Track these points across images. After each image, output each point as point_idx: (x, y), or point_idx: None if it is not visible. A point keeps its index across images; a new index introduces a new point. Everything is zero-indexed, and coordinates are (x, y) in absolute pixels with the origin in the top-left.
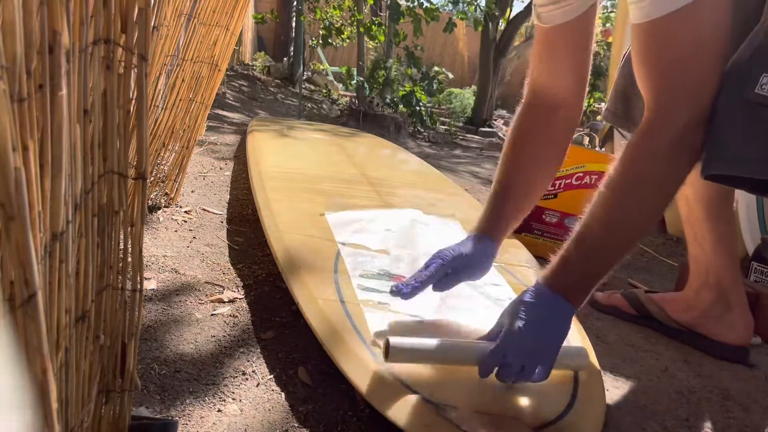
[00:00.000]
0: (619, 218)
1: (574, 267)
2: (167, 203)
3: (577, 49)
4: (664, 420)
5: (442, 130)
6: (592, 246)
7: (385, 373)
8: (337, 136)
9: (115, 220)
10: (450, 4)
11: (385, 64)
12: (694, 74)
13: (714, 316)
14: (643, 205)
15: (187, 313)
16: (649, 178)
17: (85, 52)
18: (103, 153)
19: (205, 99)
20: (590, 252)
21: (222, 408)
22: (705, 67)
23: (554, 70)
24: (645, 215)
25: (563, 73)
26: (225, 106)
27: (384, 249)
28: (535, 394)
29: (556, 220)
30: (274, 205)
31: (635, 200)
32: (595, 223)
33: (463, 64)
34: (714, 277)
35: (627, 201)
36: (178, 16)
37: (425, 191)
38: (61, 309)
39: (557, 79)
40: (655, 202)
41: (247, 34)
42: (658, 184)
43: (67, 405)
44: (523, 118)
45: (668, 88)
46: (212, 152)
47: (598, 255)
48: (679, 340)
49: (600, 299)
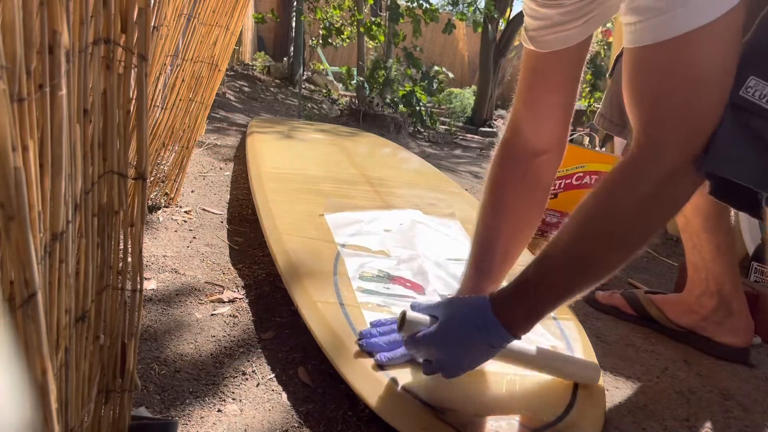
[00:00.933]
0: (582, 252)
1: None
2: (167, 203)
3: (569, 80)
4: (664, 420)
5: (442, 130)
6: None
7: (385, 376)
8: (337, 136)
9: (115, 220)
10: (449, 5)
11: (385, 64)
12: (689, 111)
13: (715, 321)
14: (612, 242)
15: (187, 313)
16: (624, 217)
17: (85, 52)
18: (103, 153)
19: (204, 99)
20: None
21: (222, 408)
22: (703, 104)
23: (542, 101)
24: (613, 254)
25: (550, 107)
26: (225, 106)
27: (384, 250)
28: (535, 396)
29: (556, 220)
30: (273, 206)
31: (603, 238)
32: (557, 249)
33: (463, 64)
34: (715, 284)
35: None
36: (178, 16)
37: (425, 191)
38: (61, 309)
39: (543, 114)
40: (628, 241)
41: (247, 34)
42: (633, 227)
43: (67, 405)
44: (500, 166)
45: (658, 122)
46: (212, 152)
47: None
48: (679, 341)
49: (600, 299)
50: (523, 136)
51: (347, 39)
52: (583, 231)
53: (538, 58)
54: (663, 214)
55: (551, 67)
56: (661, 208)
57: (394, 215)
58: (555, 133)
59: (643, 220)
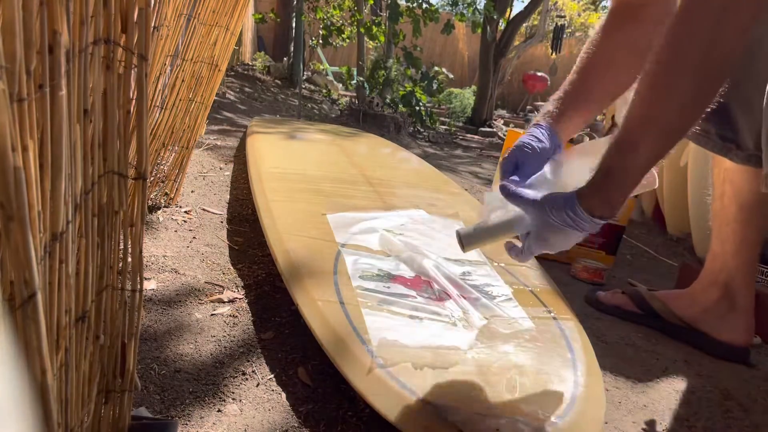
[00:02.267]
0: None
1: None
2: (167, 203)
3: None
4: (664, 420)
5: (442, 130)
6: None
7: (385, 375)
8: (337, 136)
9: (115, 221)
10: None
11: (385, 64)
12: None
13: (717, 314)
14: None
15: (187, 313)
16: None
17: (85, 52)
18: (103, 153)
19: (204, 99)
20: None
21: (222, 408)
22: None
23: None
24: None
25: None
26: (225, 107)
27: (384, 250)
28: (535, 395)
29: None
30: (273, 206)
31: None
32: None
33: (463, 64)
34: (725, 276)
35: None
36: (178, 16)
37: (425, 191)
38: (61, 309)
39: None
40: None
41: (247, 34)
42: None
43: (67, 405)
44: (608, 19)
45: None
46: (212, 152)
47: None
48: (679, 340)
49: (602, 299)
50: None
51: (347, 39)
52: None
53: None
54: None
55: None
56: (727, 37)
57: (396, 215)
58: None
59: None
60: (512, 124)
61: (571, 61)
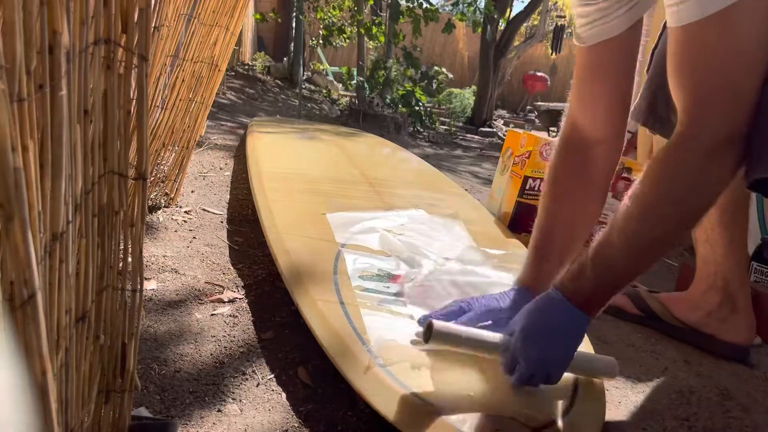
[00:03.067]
0: (640, 234)
1: (589, 277)
2: (167, 203)
3: (620, 71)
4: (664, 420)
5: (442, 130)
6: (610, 258)
7: (385, 375)
8: (338, 136)
9: (115, 221)
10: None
11: (385, 64)
12: (731, 84)
13: (719, 318)
14: (667, 222)
15: (187, 313)
16: (676, 195)
17: (86, 52)
18: (104, 153)
19: (204, 99)
20: (608, 264)
21: (222, 408)
22: (743, 76)
23: (594, 93)
24: (668, 234)
25: (603, 99)
26: (225, 106)
27: (384, 250)
28: (535, 395)
29: None
30: (273, 206)
31: (659, 218)
32: (615, 235)
33: (463, 64)
34: (722, 280)
35: (650, 217)
36: (179, 17)
37: (426, 191)
38: (61, 309)
39: (597, 106)
40: (681, 220)
41: (247, 34)
42: (684, 203)
43: (67, 405)
44: (559, 155)
45: (702, 98)
46: (212, 152)
47: (615, 268)
48: (679, 339)
49: None
50: (579, 128)
51: (347, 39)
52: (639, 214)
53: (588, 53)
54: (711, 189)
55: (600, 59)
56: (709, 183)
57: (396, 215)
58: (611, 122)
59: (694, 193)
60: (512, 124)
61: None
